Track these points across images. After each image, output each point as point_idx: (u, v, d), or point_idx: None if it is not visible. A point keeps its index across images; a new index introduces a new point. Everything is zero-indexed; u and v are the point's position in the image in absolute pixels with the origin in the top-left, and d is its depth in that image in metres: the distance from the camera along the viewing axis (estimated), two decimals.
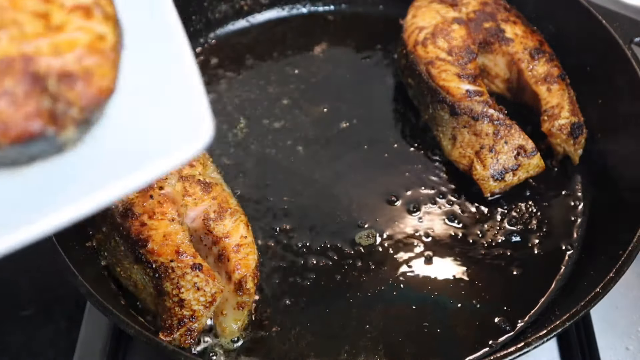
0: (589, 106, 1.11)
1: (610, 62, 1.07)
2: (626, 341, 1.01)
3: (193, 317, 0.85)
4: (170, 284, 0.86)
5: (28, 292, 1.10)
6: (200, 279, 0.86)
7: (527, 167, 1.03)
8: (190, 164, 0.96)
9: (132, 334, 0.80)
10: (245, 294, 0.89)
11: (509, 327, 0.93)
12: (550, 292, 0.97)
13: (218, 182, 0.97)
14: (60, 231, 0.86)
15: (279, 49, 1.25)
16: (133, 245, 0.88)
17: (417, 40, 1.10)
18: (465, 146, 1.04)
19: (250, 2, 1.29)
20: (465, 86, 1.05)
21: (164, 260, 0.86)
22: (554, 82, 1.08)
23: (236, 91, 1.19)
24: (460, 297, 0.96)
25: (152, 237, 0.87)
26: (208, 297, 0.86)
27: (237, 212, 0.94)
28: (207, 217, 0.92)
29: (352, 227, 1.02)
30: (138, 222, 0.89)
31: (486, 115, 1.02)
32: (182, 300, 0.85)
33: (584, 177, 1.09)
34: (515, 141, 1.02)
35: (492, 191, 1.04)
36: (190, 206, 0.92)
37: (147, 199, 0.90)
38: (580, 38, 1.12)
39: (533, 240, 1.02)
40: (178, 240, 0.88)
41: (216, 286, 0.87)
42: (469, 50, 1.08)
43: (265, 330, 0.93)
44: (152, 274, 0.88)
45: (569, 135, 1.05)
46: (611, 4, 1.15)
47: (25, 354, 1.05)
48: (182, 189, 0.93)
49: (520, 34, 1.11)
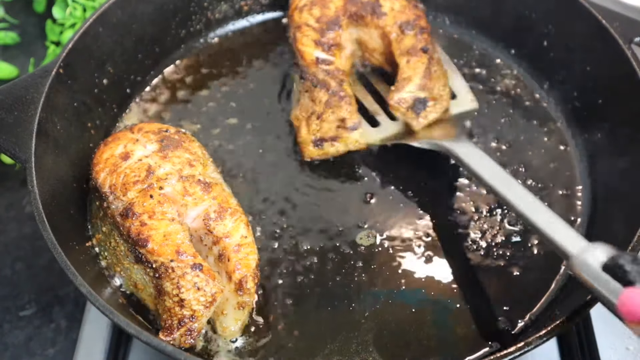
0: (589, 106, 1.11)
1: (610, 62, 1.07)
2: (626, 341, 1.01)
3: (193, 317, 0.85)
4: (171, 283, 0.86)
5: (28, 292, 1.11)
6: (200, 278, 0.86)
7: (346, 140, 1.04)
8: (190, 164, 0.95)
9: (132, 334, 0.80)
10: (246, 293, 0.89)
11: (509, 327, 0.93)
12: (550, 292, 0.97)
13: (218, 182, 0.97)
14: (60, 231, 0.87)
15: (279, 49, 1.25)
16: (133, 245, 0.88)
17: (298, 6, 1.14)
18: (302, 110, 1.08)
19: (250, 2, 1.28)
20: (317, 53, 1.08)
21: (164, 260, 0.86)
22: (415, 54, 1.07)
23: (236, 91, 1.19)
24: (460, 297, 0.96)
25: (152, 237, 0.87)
26: (208, 297, 0.86)
27: (237, 212, 0.93)
28: (207, 217, 0.91)
29: (353, 228, 1.02)
30: (138, 221, 0.88)
31: (324, 84, 1.05)
32: (182, 300, 0.85)
33: (584, 176, 1.09)
34: (341, 113, 1.04)
35: (311, 156, 1.06)
36: (191, 206, 0.92)
37: (147, 199, 0.90)
38: (580, 38, 1.12)
39: (533, 240, 1.02)
40: (178, 240, 0.88)
41: (216, 286, 0.87)
42: (336, 21, 1.10)
43: (265, 330, 0.93)
44: (152, 273, 0.88)
45: (408, 109, 1.05)
46: (611, 4, 1.15)
47: (25, 354, 1.05)
48: (182, 189, 0.92)
49: (397, 9, 1.11)
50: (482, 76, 1.21)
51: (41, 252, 1.14)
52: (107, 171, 0.94)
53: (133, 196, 0.91)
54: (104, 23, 1.09)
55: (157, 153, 0.95)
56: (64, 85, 1.01)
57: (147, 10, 1.16)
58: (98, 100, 1.09)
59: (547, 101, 1.18)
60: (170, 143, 0.97)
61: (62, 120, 1.00)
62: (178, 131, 1.01)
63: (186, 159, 0.96)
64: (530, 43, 1.20)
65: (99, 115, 1.09)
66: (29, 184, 0.89)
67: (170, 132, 1.00)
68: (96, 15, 1.08)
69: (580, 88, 1.13)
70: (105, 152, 0.97)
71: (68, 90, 1.03)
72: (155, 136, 0.98)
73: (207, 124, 1.15)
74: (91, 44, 1.07)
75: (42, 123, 0.95)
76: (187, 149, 0.97)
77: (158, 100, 1.17)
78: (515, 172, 1.09)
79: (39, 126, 0.94)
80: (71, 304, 1.09)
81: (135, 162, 0.94)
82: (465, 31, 1.26)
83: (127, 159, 0.95)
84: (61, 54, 1.02)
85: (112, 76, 1.12)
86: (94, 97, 1.08)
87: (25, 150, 0.92)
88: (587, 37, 1.10)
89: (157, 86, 1.19)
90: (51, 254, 0.85)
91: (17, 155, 0.92)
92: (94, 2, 1.34)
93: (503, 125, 1.15)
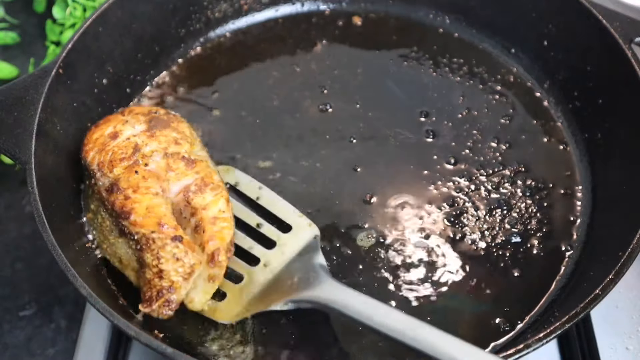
0: (589, 106, 1.11)
1: (610, 62, 1.07)
2: (626, 341, 1.01)
3: (171, 288, 0.87)
4: (151, 254, 0.88)
5: (28, 292, 1.11)
6: (179, 249, 0.88)
7: None
8: (176, 142, 0.98)
9: (132, 336, 0.80)
10: (217, 266, 0.90)
11: (509, 328, 0.93)
12: (550, 293, 0.97)
13: (204, 159, 0.99)
14: (60, 231, 0.87)
15: (279, 48, 1.25)
16: (117, 217, 0.91)
17: None
18: None
19: (250, 1, 1.28)
20: None
21: (145, 232, 0.88)
22: None
23: (236, 90, 1.19)
24: (460, 297, 0.96)
25: (135, 209, 0.90)
26: (187, 269, 0.88)
27: (219, 188, 0.95)
28: (188, 189, 0.94)
29: (353, 228, 1.02)
30: (122, 195, 0.91)
31: None
32: (161, 271, 0.87)
33: (584, 176, 1.09)
34: None
35: None
36: (173, 180, 0.94)
37: (132, 175, 0.93)
38: (580, 38, 1.11)
39: (533, 240, 1.02)
40: (160, 213, 0.90)
41: (195, 258, 0.88)
42: None
43: (265, 331, 0.93)
44: (134, 246, 0.90)
45: None
46: (611, 4, 1.15)
47: (25, 354, 1.05)
48: (166, 165, 0.95)
49: None
50: (482, 76, 1.21)
51: (41, 252, 1.14)
52: (95, 150, 0.97)
53: (119, 172, 0.93)
54: (104, 23, 1.09)
55: (145, 132, 0.98)
56: (64, 85, 1.01)
57: (147, 10, 1.16)
58: (98, 100, 1.09)
59: (547, 101, 1.18)
60: (158, 123, 1.00)
61: (62, 121, 1.00)
62: (167, 112, 1.04)
63: (173, 138, 0.99)
64: (530, 43, 1.20)
65: (99, 115, 1.08)
66: (29, 184, 0.89)
67: (160, 113, 1.03)
68: (96, 15, 1.07)
69: (580, 88, 1.13)
70: (96, 132, 0.99)
71: (68, 90, 1.02)
72: (144, 117, 1.01)
73: None
74: (91, 44, 1.07)
75: (42, 123, 0.95)
76: (175, 129, 1.00)
77: (158, 100, 1.17)
78: (515, 172, 1.09)
79: (39, 127, 0.94)
80: (71, 304, 1.09)
81: (123, 140, 0.97)
82: (465, 31, 1.26)
83: (116, 138, 0.97)
84: (61, 53, 1.02)
85: (112, 76, 1.12)
86: (94, 97, 1.08)
87: (25, 150, 0.92)
88: (587, 37, 1.10)
89: (157, 86, 1.19)
90: (51, 254, 0.85)
91: (17, 156, 0.92)
92: (94, 2, 1.34)
93: (503, 125, 1.15)
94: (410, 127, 1.14)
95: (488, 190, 1.07)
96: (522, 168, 1.09)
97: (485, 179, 1.08)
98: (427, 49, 1.24)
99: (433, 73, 1.21)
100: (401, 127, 1.14)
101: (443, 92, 1.19)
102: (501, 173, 1.09)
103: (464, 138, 1.12)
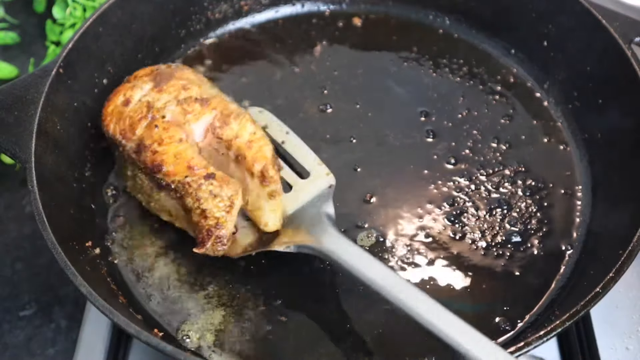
0: (589, 106, 1.11)
1: (610, 62, 1.07)
2: (626, 341, 1.01)
3: (219, 225, 0.90)
4: (191, 198, 0.91)
5: (28, 292, 1.11)
6: (214, 186, 0.91)
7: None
8: (184, 88, 1.01)
9: (132, 334, 0.80)
10: (271, 182, 0.93)
11: (509, 327, 0.93)
12: (550, 292, 0.97)
13: (216, 95, 1.02)
14: (60, 231, 0.87)
15: (279, 49, 1.25)
16: (152, 173, 0.94)
17: None
18: None
19: (250, 2, 1.29)
20: None
21: (179, 178, 0.92)
22: None
23: (236, 91, 1.19)
24: (460, 297, 0.96)
25: (165, 160, 0.94)
26: (226, 202, 0.91)
27: (241, 114, 0.98)
28: (213, 127, 0.97)
29: (353, 228, 1.02)
30: (150, 152, 0.95)
31: None
32: (204, 211, 0.90)
33: (584, 176, 1.09)
34: None
35: None
36: (192, 122, 0.97)
37: (153, 130, 0.96)
38: (580, 38, 1.12)
39: (533, 240, 1.02)
40: (188, 156, 0.94)
41: (231, 189, 0.91)
42: None
43: (264, 332, 0.93)
44: (174, 195, 0.93)
45: None
46: (611, 4, 1.15)
47: (25, 354, 1.05)
48: (182, 110, 0.98)
49: None
50: (482, 76, 1.21)
51: (41, 252, 1.14)
52: (114, 121, 1.00)
53: (141, 132, 0.97)
54: (104, 23, 1.09)
55: (153, 89, 1.01)
56: (64, 85, 1.02)
57: (147, 10, 1.16)
58: (98, 100, 1.09)
59: (547, 101, 1.18)
60: (162, 77, 1.03)
61: (62, 120, 1.00)
62: (169, 65, 1.07)
63: (180, 85, 1.02)
64: (530, 43, 1.20)
65: (99, 115, 1.08)
66: (29, 184, 0.89)
67: (161, 67, 1.06)
68: (96, 15, 1.08)
69: (580, 88, 1.13)
70: (110, 106, 1.02)
71: (68, 90, 1.03)
72: (148, 77, 1.04)
73: None
74: (91, 44, 1.07)
75: (42, 123, 0.95)
76: (180, 77, 1.03)
77: None
78: (515, 172, 1.09)
79: (39, 126, 0.94)
80: (71, 304, 1.09)
81: (135, 104, 1.01)
82: (465, 31, 1.26)
83: (128, 104, 1.01)
84: (61, 54, 1.02)
85: (112, 76, 1.12)
86: (94, 97, 1.08)
87: (25, 150, 0.92)
88: (587, 37, 1.10)
89: None
90: (51, 254, 0.84)
91: (17, 155, 0.92)
92: (94, 2, 1.34)
93: (503, 125, 1.15)
94: (410, 127, 1.14)
95: (488, 190, 1.07)
96: (522, 168, 1.09)
97: (485, 179, 1.08)
98: (427, 50, 1.25)
99: (433, 73, 1.22)
100: (401, 127, 1.14)
101: (443, 92, 1.19)
102: (501, 173, 1.09)
103: (464, 138, 1.13)
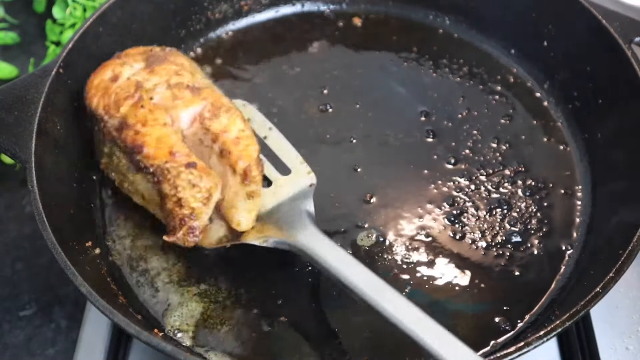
0: (589, 106, 1.11)
1: (610, 62, 1.07)
2: (626, 341, 1.01)
3: (193, 215, 0.89)
4: (168, 184, 0.89)
5: (28, 292, 1.10)
6: (194, 175, 0.89)
7: None
8: (177, 73, 0.99)
9: (132, 334, 0.80)
10: (252, 182, 0.91)
11: (509, 327, 0.93)
12: (550, 292, 0.97)
13: (208, 86, 1.00)
14: (60, 231, 0.87)
15: (279, 49, 1.25)
16: (131, 153, 0.92)
17: None
18: None
19: (250, 2, 1.29)
20: None
21: (159, 163, 0.90)
22: None
23: (235, 91, 1.19)
24: (460, 297, 0.96)
25: (147, 142, 0.91)
26: (204, 193, 0.89)
27: (232, 109, 0.96)
28: (202, 117, 0.95)
29: (352, 228, 1.02)
30: (132, 131, 0.92)
31: None
32: (180, 200, 0.89)
33: (584, 176, 1.09)
34: None
35: None
36: (181, 108, 0.95)
37: (138, 110, 0.94)
38: (580, 38, 1.12)
39: (533, 239, 1.02)
40: (171, 142, 0.91)
41: (211, 180, 0.90)
42: None
43: (263, 332, 0.93)
44: (151, 179, 0.91)
45: None
46: (611, 4, 1.15)
47: (25, 354, 1.05)
48: (171, 95, 0.96)
49: None
50: (482, 76, 1.21)
51: (41, 252, 1.14)
52: (99, 95, 0.98)
53: (125, 110, 0.95)
54: (104, 23, 1.09)
55: (144, 69, 1.00)
56: (64, 84, 1.01)
57: (147, 10, 1.16)
58: None
59: (547, 101, 1.18)
60: (155, 59, 1.01)
61: (62, 120, 1.00)
62: (163, 48, 1.06)
63: (173, 70, 1.00)
64: (530, 43, 1.20)
65: None
66: (29, 184, 0.89)
67: (156, 49, 1.04)
68: (96, 15, 1.08)
69: (580, 88, 1.13)
70: (96, 79, 1.00)
71: (68, 90, 1.03)
72: (141, 56, 1.02)
73: None
74: (91, 44, 1.07)
75: (42, 123, 0.95)
76: (173, 62, 1.01)
77: None
78: (515, 172, 1.09)
79: (39, 126, 0.94)
80: (71, 304, 1.09)
81: (124, 81, 0.98)
82: (465, 31, 1.26)
83: (117, 80, 0.99)
84: (61, 53, 1.02)
85: None
86: None
87: (25, 150, 0.92)
88: (587, 37, 1.10)
89: None
90: (51, 254, 0.84)
91: (17, 155, 0.92)
92: (94, 2, 1.34)
93: (503, 125, 1.15)
94: (410, 127, 1.14)
95: (488, 190, 1.07)
96: (522, 168, 1.09)
97: (485, 179, 1.08)
98: (427, 50, 1.25)
99: (433, 73, 1.22)
100: (401, 127, 1.14)
101: (443, 92, 1.19)
102: (501, 173, 1.09)
103: (464, 138, 1.13)
